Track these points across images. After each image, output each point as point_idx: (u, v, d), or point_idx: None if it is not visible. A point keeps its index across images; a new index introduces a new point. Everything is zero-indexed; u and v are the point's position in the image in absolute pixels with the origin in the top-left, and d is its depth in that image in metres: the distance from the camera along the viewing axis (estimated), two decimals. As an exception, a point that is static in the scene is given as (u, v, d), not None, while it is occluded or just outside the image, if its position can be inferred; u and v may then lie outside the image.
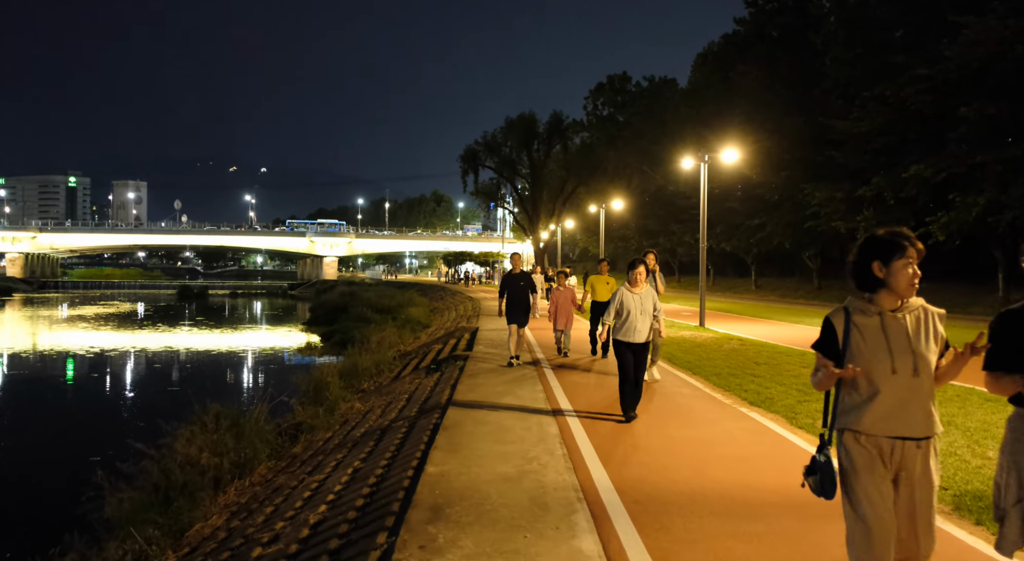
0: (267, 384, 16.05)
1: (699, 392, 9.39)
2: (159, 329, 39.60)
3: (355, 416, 12.10)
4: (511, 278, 12.15)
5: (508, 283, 12.14)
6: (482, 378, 10.33)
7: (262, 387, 16.20)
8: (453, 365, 12.71)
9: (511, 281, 12.14)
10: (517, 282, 12.07)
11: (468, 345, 16.41)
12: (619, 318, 8.12)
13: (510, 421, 7.53)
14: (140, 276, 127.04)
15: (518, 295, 12.03)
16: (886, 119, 25.76)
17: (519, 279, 12.09)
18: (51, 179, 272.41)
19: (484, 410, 8.13)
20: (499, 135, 46.35)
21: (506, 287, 12.11)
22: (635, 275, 8.15)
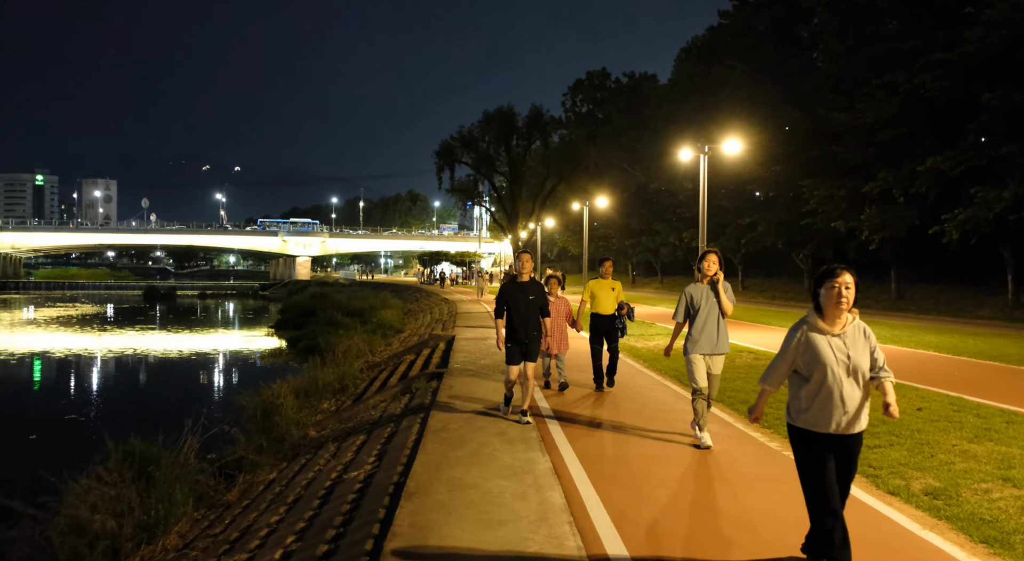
0: (213, 404, 14.08)
1: (743, 437, 7.49)
2: (112, 333, 37.23)
3: (308, 448, 10.15)
4: (516, 289, 7.99)
5: (511, 296, 7.96)
6: (457, 425, 8.36)
7: (206, 408, 14.17)
8: (425, 388, 10.76)
9: (515, 293, 7.97)
10: (524, 295, 7.95)
11: (443, 358, 14.50)
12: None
13: (499, 486, 5.63)
14: (108, 276, 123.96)
15: (526, 315, 7.91)
16: (896, 109, 24.01)
17: (528, 290, 7.98)
18: (17, 178, 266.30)
19: (464, 466, 6.23)
20: (476, 130, 44.43)
21: (507, 302, 7.96)
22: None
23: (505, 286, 8.10)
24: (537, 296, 8.02)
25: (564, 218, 59.81)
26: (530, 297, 7.97)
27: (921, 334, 18.16)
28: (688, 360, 6.75)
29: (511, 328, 7.94)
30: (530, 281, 8.07)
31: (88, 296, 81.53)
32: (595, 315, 9.86)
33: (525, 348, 7.95)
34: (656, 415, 8.20)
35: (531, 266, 8.13)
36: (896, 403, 3.75)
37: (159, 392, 20.41)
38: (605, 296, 9.81)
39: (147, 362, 27.25)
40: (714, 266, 6.75)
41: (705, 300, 6.73)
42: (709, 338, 6.71)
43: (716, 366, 6.82)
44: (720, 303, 6.75)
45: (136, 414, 15.85)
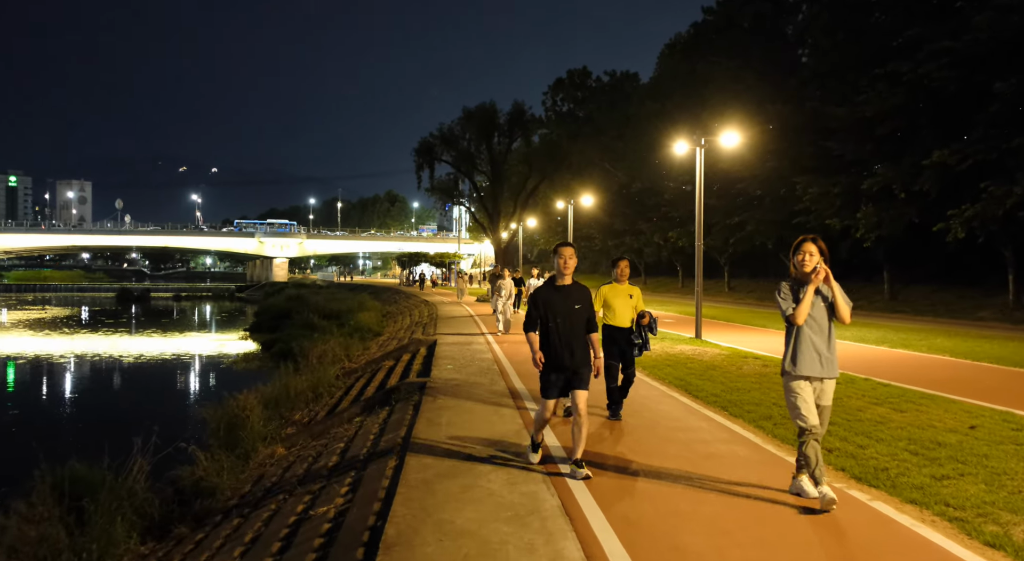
0: (175, 416, 12.96)
1: (775, 460, 6.47)
2: (78, 337, 35.75)
3: (274, 469, 9.07)
4: (554, 295, 5.90)
5: (548, 304, 5.87)
6: (445, 450, 7.38)
7: (167, 421, 13.01)
8: (406, 401, 9.69)
9: (554, 300, 5.87)
10: (567, 303, 5.85)
11: (424, 365, 13.44)
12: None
13: (500, 533, 4.60)
14: (81, 278, 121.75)
15: (568, 332, 5.80)
16: (898, 101, 23.16)
17: (571, 297, 5.89)
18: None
19: (455, 503, 5.20)
20: (457, 127, 43.26)
21: (543, 313, 5.88)
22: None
23: (539, 291, 5.95)
24: (584, 306, 5.87)
25: (547, 218, 58.84)
26: (575, 306, 5.81)
27: (931, 337, 17.31)
28: (788, 387, 5.04)
29: (549, 349, 5.82)
30: (573, 285, 5.90)
31: (60, 298, 79.87)
32: (609, 328, 8.05)
33: (570, 377, 5.82)
34: (671, 435, 7.20)
35: (574, 264, 5.90)
36: None
37: (117, 402, 18.98)
38: (621, 305, 8.05)
39: (109, 368, 25.85)
40: (814, 258, 4.99)
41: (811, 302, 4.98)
42: (817, 355, 4.95)
43: (826, 394, 5.03)
44: (835, 306, 4.98)
45: (86, 429, 14.61)
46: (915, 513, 4.78)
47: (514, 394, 9.28)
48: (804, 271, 4.99)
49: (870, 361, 12.89)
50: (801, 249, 5.08)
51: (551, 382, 5.88)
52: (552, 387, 5.88)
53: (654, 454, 6.41)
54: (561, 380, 5.86)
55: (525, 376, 11.04)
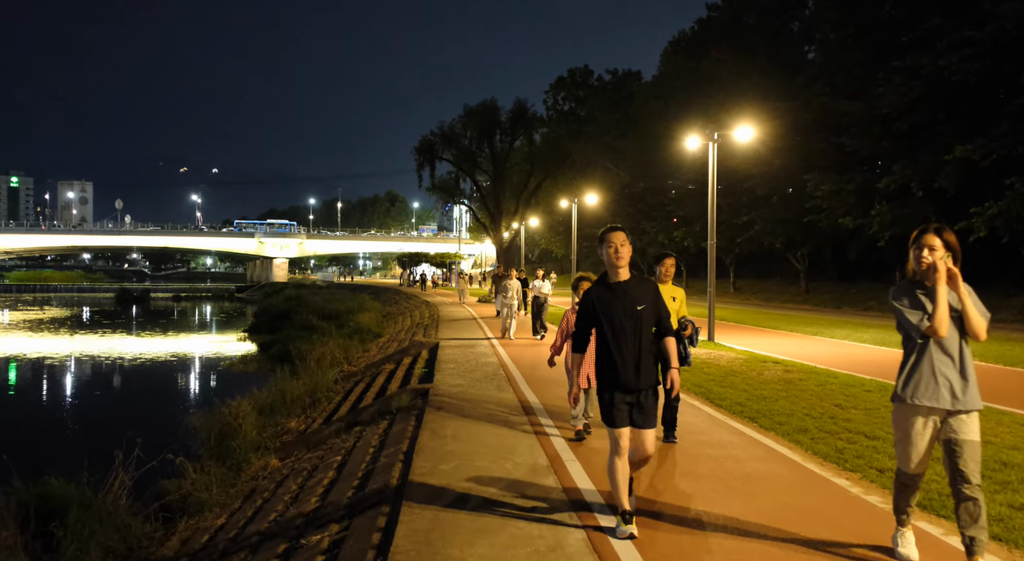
0: (165, 423, 12.35)
1: (824, 485, 5.82)
2: (73, 338, 35.14)
3: (267, 483, 8.46)
4: (611, 295, 4.51)
5: (605, 308, 4.51)
6: (451, 468, 6.69)
7: (155, 429, 12.40)
8: (407, 410, 9.06)
9: (612, 302, 4.49)
10: (628, 304, 4.46)
11: (427, 368, 12.82)
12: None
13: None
14: (82, 279, 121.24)
15: (635, 341, 4.44)
16: (915, 95, 22.48)
17: (634, 295, 4.48)
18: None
19: (464, 535, 4.59)
20: (458, 125, 42.59)
21: (599, 319, 4.53)
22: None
23: (593, 292, 4.54)
24: (649, 304, 4.43)
25: (549, 218, 58.22)
26: (638, 307, 4.38)
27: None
28: (897, 418, 3.99)
29: (608, 364, 4.42)
30: (633, 279, 4.49)
31: (60, 299, 79.41)
32: None
33: (637, 400, 4.41)
34: (700, 450, 6.58)
35: (628, 252, 4.47)
36: None
37: (107, 408, 18.19)
38: None
39: (101, 372, 25.20)
40: (936, 252, 3.82)
41: None
42: (945, 381, 3.77)
43: (963, 428, 3.74)
44: (966, 318, 3.83)
45: (70, 437, 13.98)
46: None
47: (527, 409, 8.45)
48: (923, 270, 3.84)
49: (894, 366, 12.21)
50: (921, 241, 3.85)
51: (616, 404, 4.39)
52: (619, 411, 4.39)
53: (685, 474, 5.79)
54: (626, 403, 4.41)
55: (535, 383, 10.43)
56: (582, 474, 5.77)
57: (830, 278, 34.92)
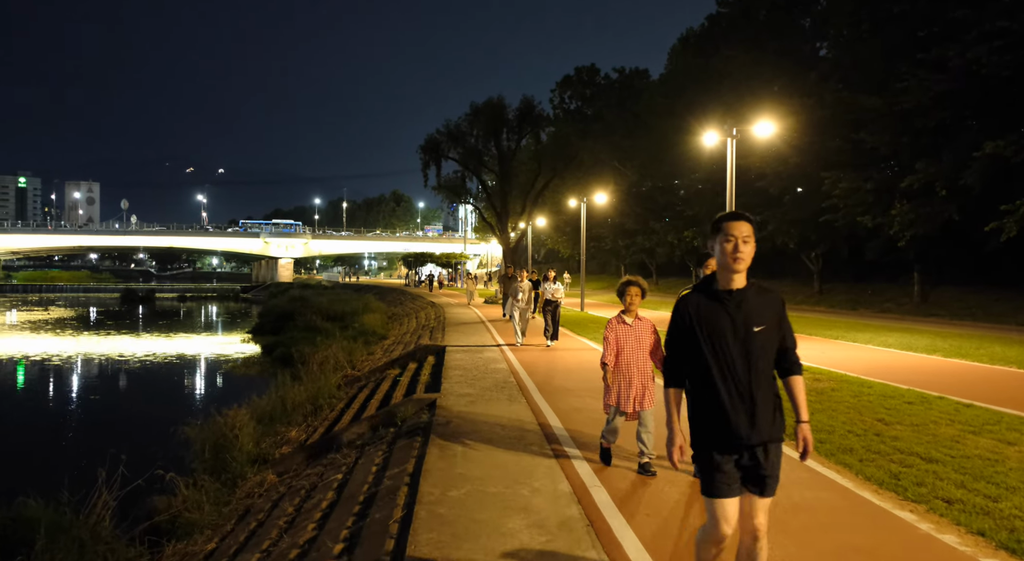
0: (157, 433, 11.74)
1: (883, 517, 5.18)
2: (74, 339, 34.62)
3: (263, 502, 7.85)
4: (716, 309, 3.19)
5: (707, 327, 3.18)
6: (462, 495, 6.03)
7: (145, 441, 11.82)
8: (413, 421, 8.44)
9: (718, 320, 3.17)
10: (741, 323, 3.15)
11: (433, 375, 12.21)
12: None
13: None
14: (88, 279, 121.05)
15: (747, 374, 3.12)
16: (941, 89, 21.72)
17: (747, 312, 3.16)
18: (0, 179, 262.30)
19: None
20: (464, 123, 41.86)
21: (700, 341, 3.19)
22: None
23: (691, 303, 3.26)
24: (772, 325, 3.19)
25: (556, 217, 57.53)
26: (754, 328, 3.14)
27: (985, 344, 15.89)
28: None
29: (710, 406, 3.16)
30: (751, 287, 3.21)
31: (65, 299, 79.16)
32: None
33: (752, 459, 3.14)
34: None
35: (750, 251, 3.17)
36: None
37: (100, 416, 17.43)
38: None
39: (98, 375, 24.57)
40: None
41: None
42: None
43: None
44: None
45: (57, 449, 13.35)
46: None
47: (549, 437, 7.25)
48: None
49: (929, 374, 11.61)
50: None
51: (720, 467, 3.12)
52: (723, 476, 3.12)
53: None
54: (736, 464, 3.13)
55: (549, 394, 9.81)
56: (616, 517, 5.15)
57: (844, 279, 34.20)
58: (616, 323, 6.29)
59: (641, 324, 6.24)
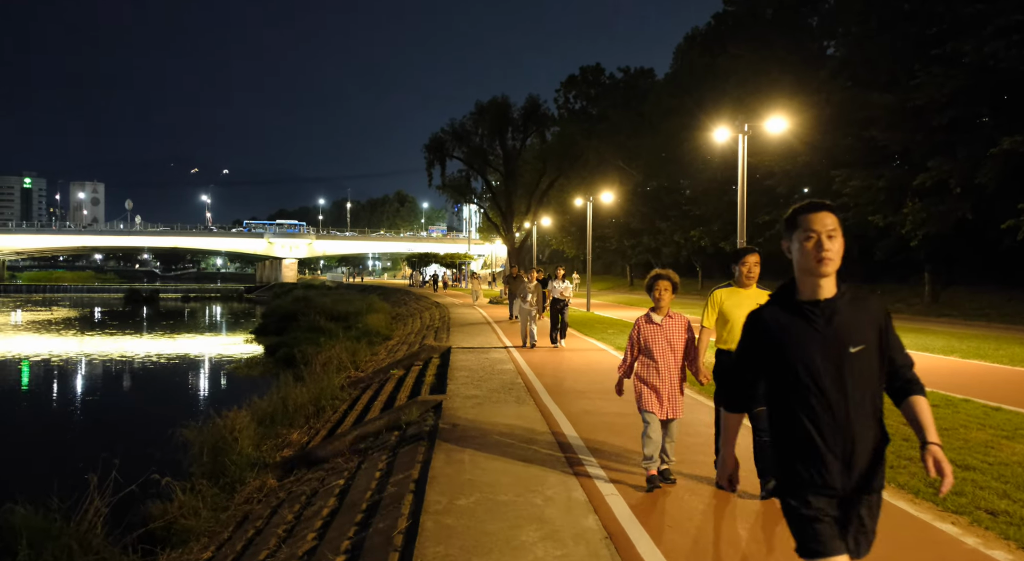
0: (156, 435, 11.44)
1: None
2: (76, 338, 34.38)
3: (261, 509, 7.54)
4: (799, 321, 2.50)
5: (790, 343, 2.50)
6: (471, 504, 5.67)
7: (144, 443, 11.53)
8: (415, 438, 8.12)
9: (801, 333, 2.49)
10: (838, 340, 2.45)
11: (438, 376, 11.91)
12: None
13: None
14: (92, 279, 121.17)
15: (843, 404, 2.42)
16: (956, 86, 21.35)
17: (843, 324, 2.47)
18: (5, 180, 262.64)
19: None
20: (469, 122, 41.64)
21: (768, 358, 2.57)
22: None
23: (767, 315, 2.59)
24: (871, 345, 2.49)
25: (561, 217, 57.30)
26: (850, 348, 2.45)
27: (1005, 345, 15.50)
28: None
29: (799, 443, 2.47)
30: (844, 295, 2.50)
31: (69, 299, 79.08)
32: (726, 354, 5.31)
33: (850, 510, 2.46)
34: (754, 478, 5.62)
35: (839, 248, 2.48)
36: None
37: (96, 418, 17.00)
38: (740, 318, 5.07)
39: (99, 376, 24.24)
40: None
41: None
42: None
43: None
44: None
45: (52, 453, 13.03)
46: None
47: (560, 441, 6.90)
48: None
49: (949, 375, 11.28)
50: None
51: (817, 518, 2.45)
52: (817, 528, 2.44)
53: (749, 515, 4.85)
54: (834, 515, 2.46)
55: (561, 397, 9.48)
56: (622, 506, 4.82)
57: (854, 279, 33.80)
58: (643, 322, 5.60)
59: (672, 323, 5.55)
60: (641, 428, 5.50)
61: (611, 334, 18.18)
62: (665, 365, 5.47)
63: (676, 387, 5.49)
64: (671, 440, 5.56)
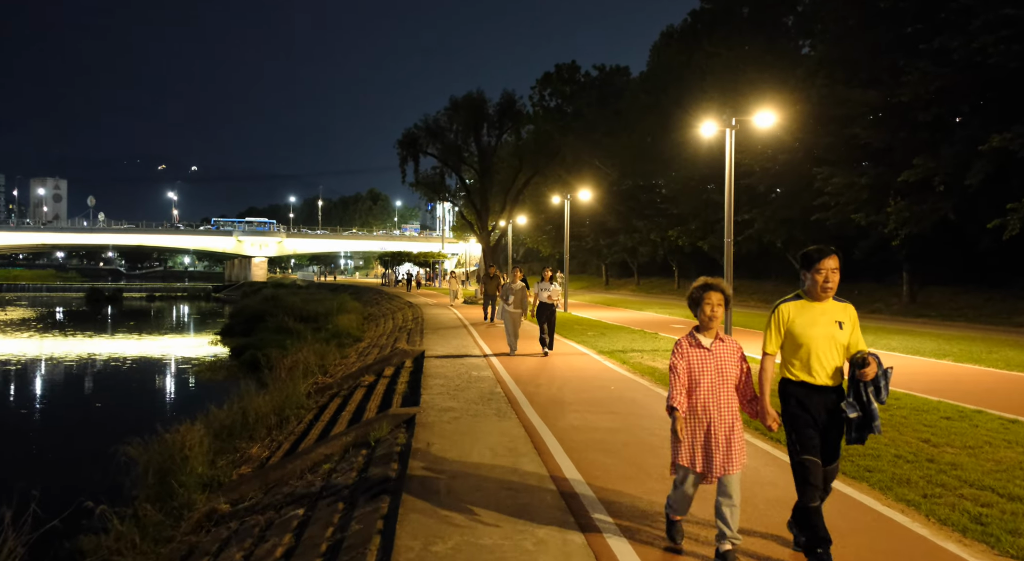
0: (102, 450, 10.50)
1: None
2: (26, 342, 33.00)
3: (209, 543, 6.68)
4: None
5: None
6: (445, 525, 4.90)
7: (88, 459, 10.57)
8: (389, 446, 7.29)
9: None
10: None
11: (411, 388, 11.09)
12: None
13: None
14: (53, 278, 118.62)
15: None
16: (942, 82, 20.83)
17: None
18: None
19: None
20: (443, 118, 40.69)
21: None
22: None
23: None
24: None
25: (537, 216, 56.64)
26: None
27: (997, 348, 14.95)
28: None
29: None
30: None
31: (27, 299, 76.92)
32: (795, 386, 4.21)
33: None
34: (778, 512, 4.88)
35: None
36: None
37: (26, 437, 15.18)
38: (823, 341, 4.13)
39: (39, 385, 22.46)
40: None
41: None
42: None
43: None
44: None
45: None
46: None
47: (549, 464, 6.09)
48: None
49: (950, 382, 10.69)
50: None
51: None
52: None
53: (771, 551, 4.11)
54: None
55: (546, 409, 8.70)
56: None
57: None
58: (688, 346, 4.27)
59: (724, 348, 4.25)
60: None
61: (591, 336, 17.46)
62: (717, 402, 4.16)
63: (733, 429, 4.15)
64: (732, 504, 4.08)
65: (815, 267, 4.12)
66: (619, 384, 10.54)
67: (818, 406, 4.11)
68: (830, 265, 4.11)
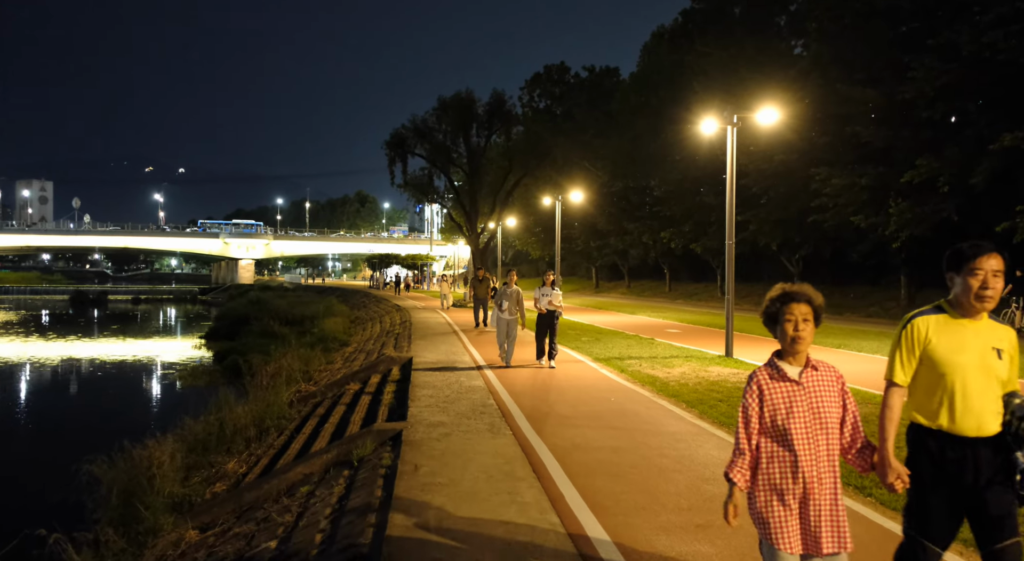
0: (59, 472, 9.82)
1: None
2: (5, 346, 32.14)
3: (174, 574, 6.04)
4: None
5: None
6: None
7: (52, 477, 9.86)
8: (369, 481, 6.64)
9: None
10: None
11: (397, 399, 10.46)
12: None
13: None
14: (38, 280, 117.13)
15: None
16: (950, 78, 20.34)
17: None
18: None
19: None
20: (431, 118, 39.97)
21: None
22: None
23: None
24: None
25: (526, 218, 56.06)
26: None
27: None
28: None
29: None
30: None
31: (10, 301, 75.84)
32: (932, 437, 3.08)
33: None
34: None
35: None
36: None
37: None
38: (976, 373, 3.00)
39: (10, 392, 21.45)
40: None
41: None
42: None
43: None
44: None
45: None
46: None
47: (548, 489, 5.50)
48: None
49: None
50: None
51: None
52: None
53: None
54: None
55: (542, 424, 8.08)
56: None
57: (825, 281, 33.00)
58: (768, 378, 3.07)
59: (819, 379, 3.05)
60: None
61: (586, 342, 16.86)
62: (815, 457, 2.96)
63: (836, 496, 2.97)
64: None
65: (968, 267, 2.97)
66: (619, 395, 9.95)
67: (963, 467, 2.98)
68: (991, 265, 2.95)
